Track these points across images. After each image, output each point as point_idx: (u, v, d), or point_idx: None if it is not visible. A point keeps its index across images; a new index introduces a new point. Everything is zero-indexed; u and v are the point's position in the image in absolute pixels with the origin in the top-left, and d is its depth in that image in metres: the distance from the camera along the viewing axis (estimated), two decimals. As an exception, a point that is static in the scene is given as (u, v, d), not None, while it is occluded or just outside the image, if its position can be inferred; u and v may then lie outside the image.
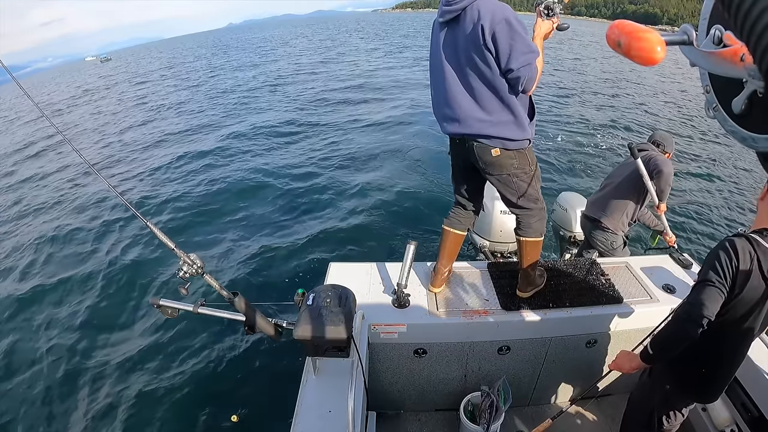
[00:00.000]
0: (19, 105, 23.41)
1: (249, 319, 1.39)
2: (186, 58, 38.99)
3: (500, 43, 1.41)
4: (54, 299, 4.65)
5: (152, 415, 3.05)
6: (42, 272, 5.27)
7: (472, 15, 1.45)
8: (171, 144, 10.34)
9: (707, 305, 1.26)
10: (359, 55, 26.96)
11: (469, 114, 1.59)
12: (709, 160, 7.89)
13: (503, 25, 1.40)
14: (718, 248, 1.31)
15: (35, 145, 12.45)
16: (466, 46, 1.50)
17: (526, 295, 1.97)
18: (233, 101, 14.64)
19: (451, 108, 1.63)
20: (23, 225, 6.90)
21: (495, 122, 1.57)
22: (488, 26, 1.41)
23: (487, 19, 1.41)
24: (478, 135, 1.61)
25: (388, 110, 11.46)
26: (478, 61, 1.49)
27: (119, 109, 16.02)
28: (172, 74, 26.54)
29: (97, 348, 3.80)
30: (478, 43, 1.45)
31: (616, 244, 2.83)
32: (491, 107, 1.56)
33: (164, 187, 7.58)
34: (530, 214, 1.81)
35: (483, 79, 1.52)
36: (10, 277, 5.31)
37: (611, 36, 0.44)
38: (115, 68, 41.16)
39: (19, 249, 5.95)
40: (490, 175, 1.73)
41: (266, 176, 7.39)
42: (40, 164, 10.33)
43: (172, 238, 1.21)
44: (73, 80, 34.97)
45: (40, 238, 6.16)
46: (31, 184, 8.96)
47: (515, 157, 1.65)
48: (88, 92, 23.70)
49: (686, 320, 1.29)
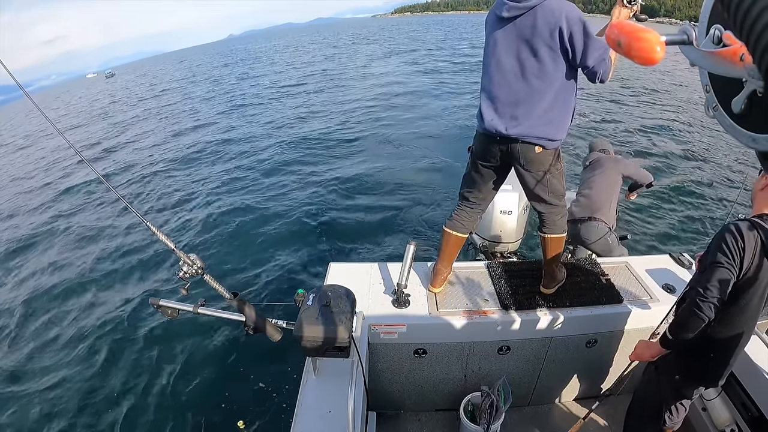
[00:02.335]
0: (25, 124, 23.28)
1: (249, 319, 1.39)
2: (199, 69, 38.04)
3: (576, 42, 1.47)
4: (54, 299, 4.66)
5: (151, 415, 3.05)
6: (42, 272, 5.28)
7: (545, 14, 1.48)
8: (171, 145, 10.35)
9: (720, 286, 1.31)
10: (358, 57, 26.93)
11: (523, 111, 1.61)
12: (698, 158, 7.86)
13: (579, 26, 1.45)
14: (723, 231, 1.35)
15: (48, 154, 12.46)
16: (536, 43, 1.52)
17: (551, 291, 2.00)
18: (235, 104, 14.66)
19: (506, 104, 1.63)
20: (23, 224, 6.90)
21: (545, 122, 1.60)
22: (566, 27, 1.45)
23: (563, 19, 1.45)
24: (526, 135, 1.63)
25: (389, 111, 11.46)
26: (546, 58, 1.52)
27: (130, 118, 16.04)
28: (177, 86, 26.36)
29: (97, 348, 3.80)
30: (554, 41, 1.48)
31: (610, 237, 2.83)
32: (545, 106, 1.59)
33: (164, 187, 7.59)
34: (555, 212, 1.84)
35: (545, 77, 1.55)
36: (9, 276, 5.32)
37: (611, 36, 0.44)
38: (125, 85, 38.93)
39: (19, 248, 5.96)
40: (528, 172, 1.74)
41: (266, 176, 7.40)
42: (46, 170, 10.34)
43: (171, 238, 1.21)
44: (78, 98, 33.99)
45: (39, 238, 6.16)
46: (32, 186, 8.97)
47: (553, 154, 1.70)
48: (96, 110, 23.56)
49: (701, 300, 1.33)
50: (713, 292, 1.31)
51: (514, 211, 3.11)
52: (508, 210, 3.09)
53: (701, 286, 1.34)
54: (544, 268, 2.00)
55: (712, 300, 1.31)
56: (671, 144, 7.95)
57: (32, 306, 4.61)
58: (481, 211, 2.00)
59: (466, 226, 1.99)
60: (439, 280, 2.03)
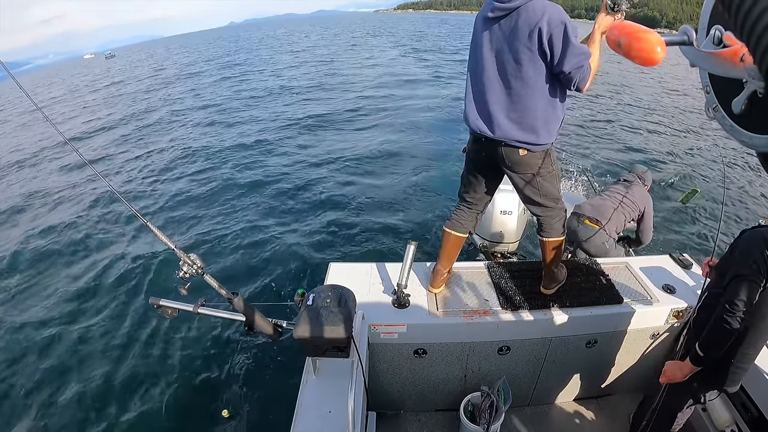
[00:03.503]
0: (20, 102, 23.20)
1: (249, 319, 1.39)
2: (211, 52, 37.48)
3: (555, 45, 1.42)
4: (53, 299, 4.65)
5: (150, 414, 3.05)
6: (41, 272, 5.28)
7: (528, 15, 1.45)
8: (171, 145, 10.34)
9: (745, 299, 1.32)
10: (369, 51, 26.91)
11: (505, 115, 1.59)
12: (708, 158, 7.89)
13: (560, 28, 1.41)
14: (748, 242, 1.36)
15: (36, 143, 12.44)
16: (515, 45, 1.49)
17: (551, 291, 2.00)
18: (232, 98, 14.64)
19: (488, 106, 1.62)
20: (22, 224, 6.90)
21: (526, 126, 1.58)
22: (546, 28, 1.41)
23: (545, 20, 1.41)
24: (509, 138, 1.61)
25: (390, 112, 11.46)
26: (525, 60, 1.48)
27: (120, 107, 15.99)
28: (179, 71, 26.35)
29: (96, 347, 3.80)
30: (532, 43, 1.45)
31: (608, 244, 2.86)
32: (527, 109, 1.56)
33: (165, 186, 7.58)
34: (551, 215, 1.83)
35: (526, 80, 1.52)
36: (7, 275, 5.31)
37: (611, 37, 0.44)
38: (124, 66, 39.08)
39: (18, 248, 5.95)
40: (515, 174, 1.73)
41: (266, 176, 7.39)
42: (37, 161, 10.33)
43: (172, 238, 1.21)
44: (78, 77, 34.02)
45: (39, 238, 6.16)
46: (30, 182, 8.96)
47: (541, 157, 1.67)
48: (89, 90, 23.59)
49: (730, 315, 1.33)
50: (740, 306, 1.31)
51: (514, 211, 3.11)
52: (508, 210, 3.09)
53: (728, 300, 1.34)
54: (543, 269, 2.00)
55: (740, 314, 1.32)
56: (671, 143, 7.96)
57: (31, 305, 4.61)
58: (479, 211, 2.00)
59: (465, 225, 1.99)
60: (439, 280, 2.03)
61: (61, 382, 3.45)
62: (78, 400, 3.26)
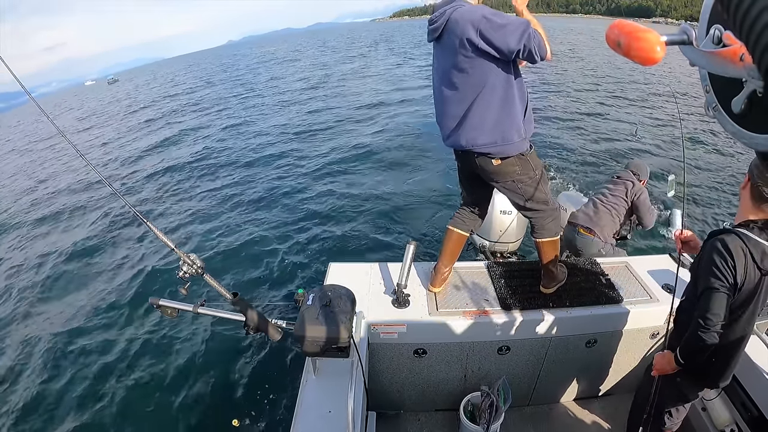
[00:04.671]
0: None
1: (249, 319, 1.39)
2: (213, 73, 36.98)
3: (490, 36, 1.45)
4: (53, 298, 4.65)
5: (150, 414, 3.05)
6: (41, 271, 5.28)
7: (453, 26, 1.51)
8: (171, 146, 10.35)
9: (718, 312, 1.31)
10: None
11: (466, 123, 1.63)
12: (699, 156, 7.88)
13: (485, 23, 1.45)
14: (711, 251, 1.33)
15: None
16: (455, 57, 1.54)
17: (550, 291, 2.01)
18: (242, 104, 14.64)
19: (449, 121, 1.68)
20: (21, 224, 6.90)
21: (487, 129, 1.60)
22: (474, 32, 1.46)
23: (468, 24, 1.47)
24: (474, 146, 1.64)
25: (390, 112, 11.46)
26: (467, 67, 1.53)
27: (128, 124, 15.98)
28: (183, 90, 26.13)
29: (96, 347, 3.79)
30: (467, 50, 1.49)
31: (605, 250, 2.87)
32: (484, 112, 1.59)
33: (165, 188, 7.59)
34: (542, 216, 1.84)
35: (473, 84, 1.55)
36: (6, 274, 5.31)
37: (611, 36, 0.44)
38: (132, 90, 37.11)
39: (17, 248, 5.95)
40: (496, 183, 1.77)
41: (266, 176, 7.40)
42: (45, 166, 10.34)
43: (172, 238, 1.21)
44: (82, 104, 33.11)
45: (38, 236, 6.16)
46: (36, 187, 8.97)
47: (517, 163, 1.68)
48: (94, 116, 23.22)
49: (704, 331, 1.33)
50: (713, 320, 1.30)
51: (514, 211, 3.11)
52: (508, 210, 3.09)
53: (701, 315, 1.33)
54: (541, 268, 2.01)
55: (713, 327, 1.30)
56: (669, 143, 7.96)
57: (30, 303, 4.61)
58: (480, 212, 2.02)
59: (467, 224, 2.02)
60: (440, 279, 2.03)
61: (56, 385, 3.44)
62: (75, 399, 3.26)
